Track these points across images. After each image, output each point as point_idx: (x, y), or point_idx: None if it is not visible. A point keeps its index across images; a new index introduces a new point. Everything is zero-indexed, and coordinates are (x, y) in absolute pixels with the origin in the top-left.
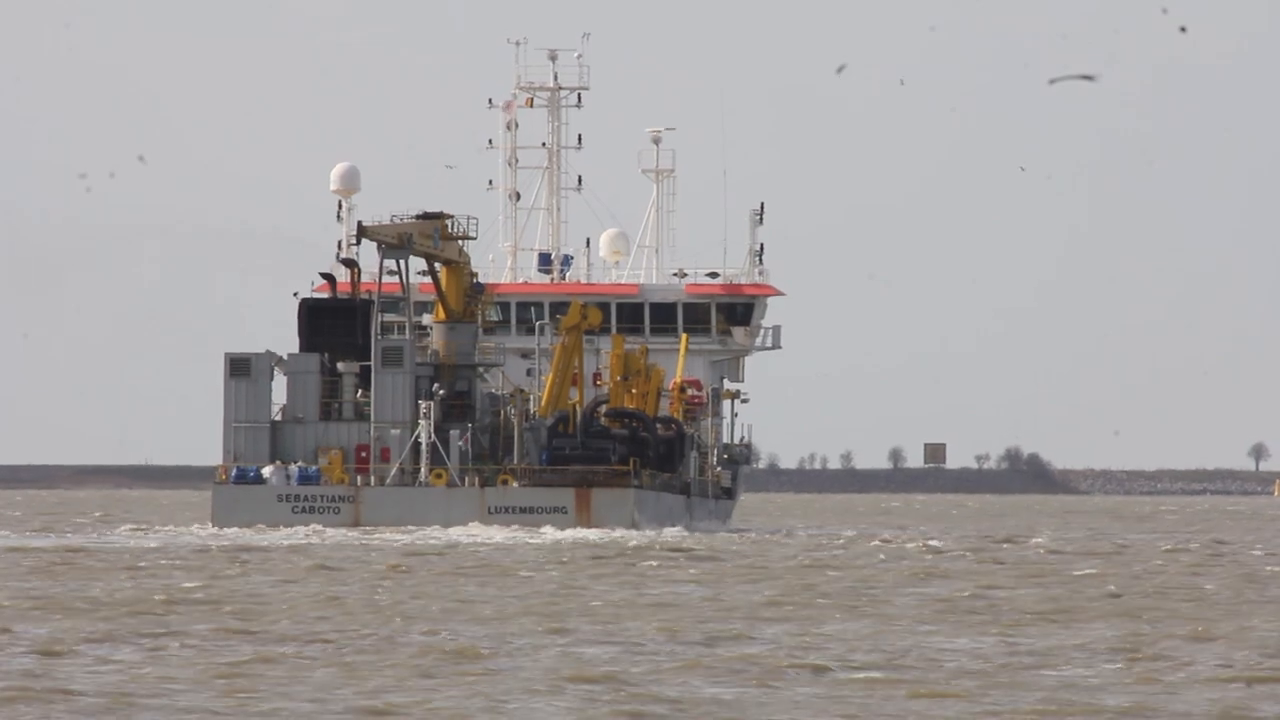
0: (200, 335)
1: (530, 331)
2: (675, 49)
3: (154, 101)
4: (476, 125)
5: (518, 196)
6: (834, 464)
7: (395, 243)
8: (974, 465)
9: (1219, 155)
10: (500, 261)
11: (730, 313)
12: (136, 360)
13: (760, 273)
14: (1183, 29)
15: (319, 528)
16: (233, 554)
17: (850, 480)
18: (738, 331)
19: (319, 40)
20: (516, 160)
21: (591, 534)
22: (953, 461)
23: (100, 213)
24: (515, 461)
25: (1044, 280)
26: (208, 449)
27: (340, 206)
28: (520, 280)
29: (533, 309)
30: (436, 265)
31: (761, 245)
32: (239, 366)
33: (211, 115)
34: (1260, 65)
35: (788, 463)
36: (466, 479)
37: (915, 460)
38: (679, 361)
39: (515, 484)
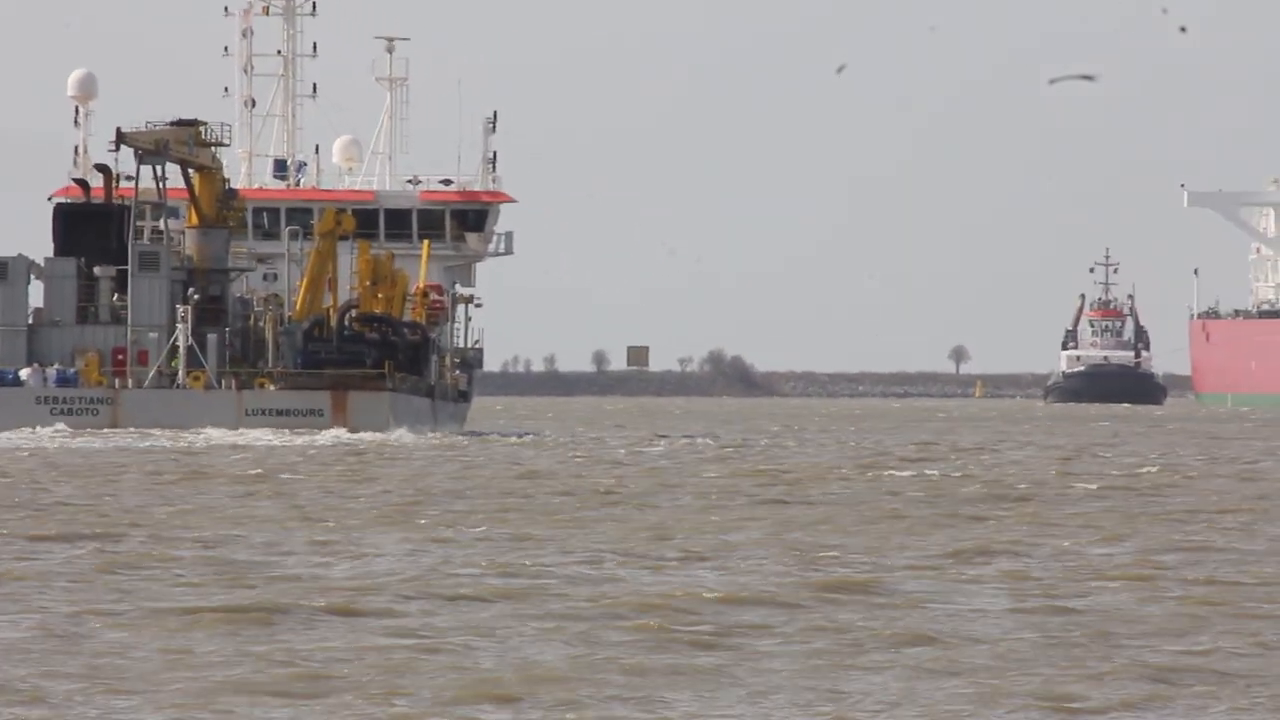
0: None
1: (266, 236)
2: None
3: None
4: (212, 33)
5: (253, 104)
6: (538, 366)
7: (152, 149)
8: (677, 368)
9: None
10: (235, 167)
11: (464, 219)
12: None
13: (494, 180)
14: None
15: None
16: None
17: (555, 383)
18: (472, 238)
19: None
20: (252, 68)
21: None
22: (656, 364)
23: None
24: (270, 365)
25: (752, 185)
26: None
27: (77, 112)
28: (255, 186)
29: (266, 214)
30: (190, 171)
31: (495, 153)
32: None
33: None
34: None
35: (490, 365)
36: (223, 382)
37: (619, 363)
38: (421, 267)
39: (272, 387)
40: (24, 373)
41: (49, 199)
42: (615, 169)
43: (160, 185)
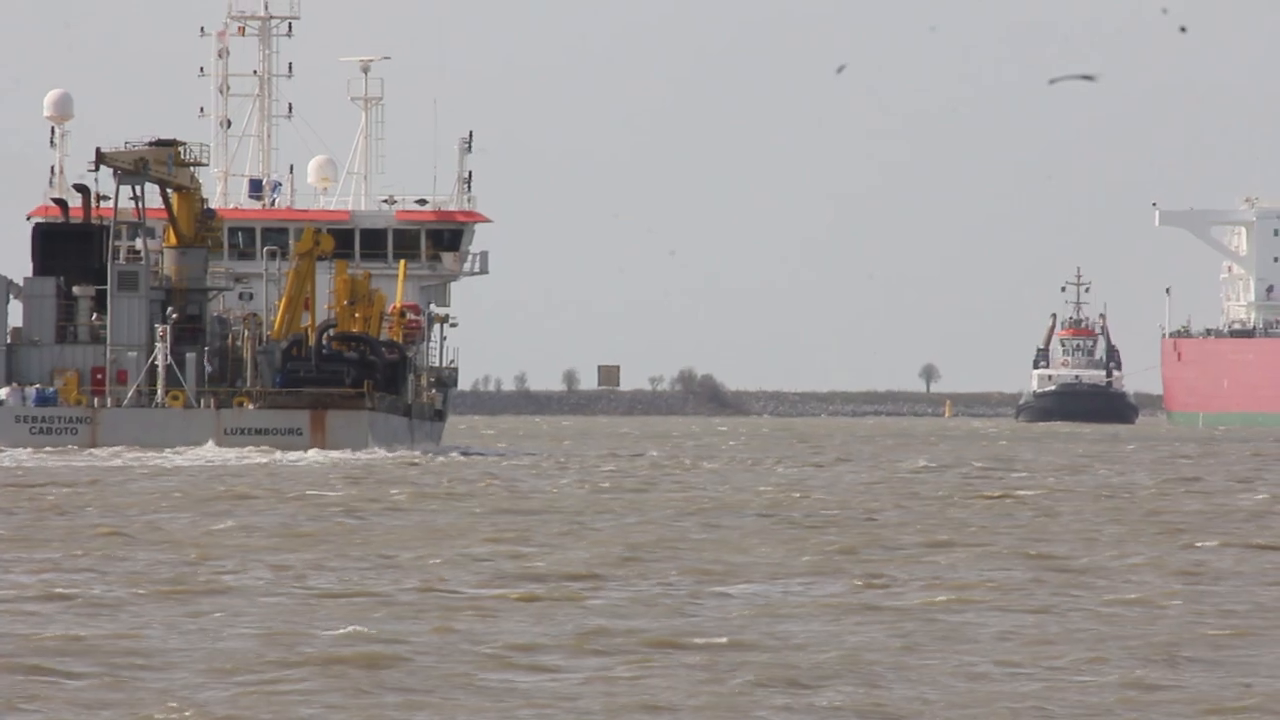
0: None
1: (241, 256)
2: None
3: None
4: (188, 53)
5: (229, 124)
6: (508, 386)
7: (132, 169)
8: (648, 387)
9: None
10: (210, 187)
11: (439, 239)
12: None
13: (469, 200)
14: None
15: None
16: None
17: (526, 402)
18: (447, 257)
19: None
20: (228, 88)
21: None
22: (626, 383)
23: None
24: (249, 384)
25: (727, 203)
26: None
27: (54, 133)
28: (231, 206)
29: (241, 234)
30: (168, 191)
31: (470, 173)
32: None
33: None
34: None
35: (462, 384)
36: (202, 401)
37: (590, 382)
38: (398, 287)
39: (251, 406)
40: (3, 392)
41: (27, 218)
42: (591, 184)
43: (139, 205)
